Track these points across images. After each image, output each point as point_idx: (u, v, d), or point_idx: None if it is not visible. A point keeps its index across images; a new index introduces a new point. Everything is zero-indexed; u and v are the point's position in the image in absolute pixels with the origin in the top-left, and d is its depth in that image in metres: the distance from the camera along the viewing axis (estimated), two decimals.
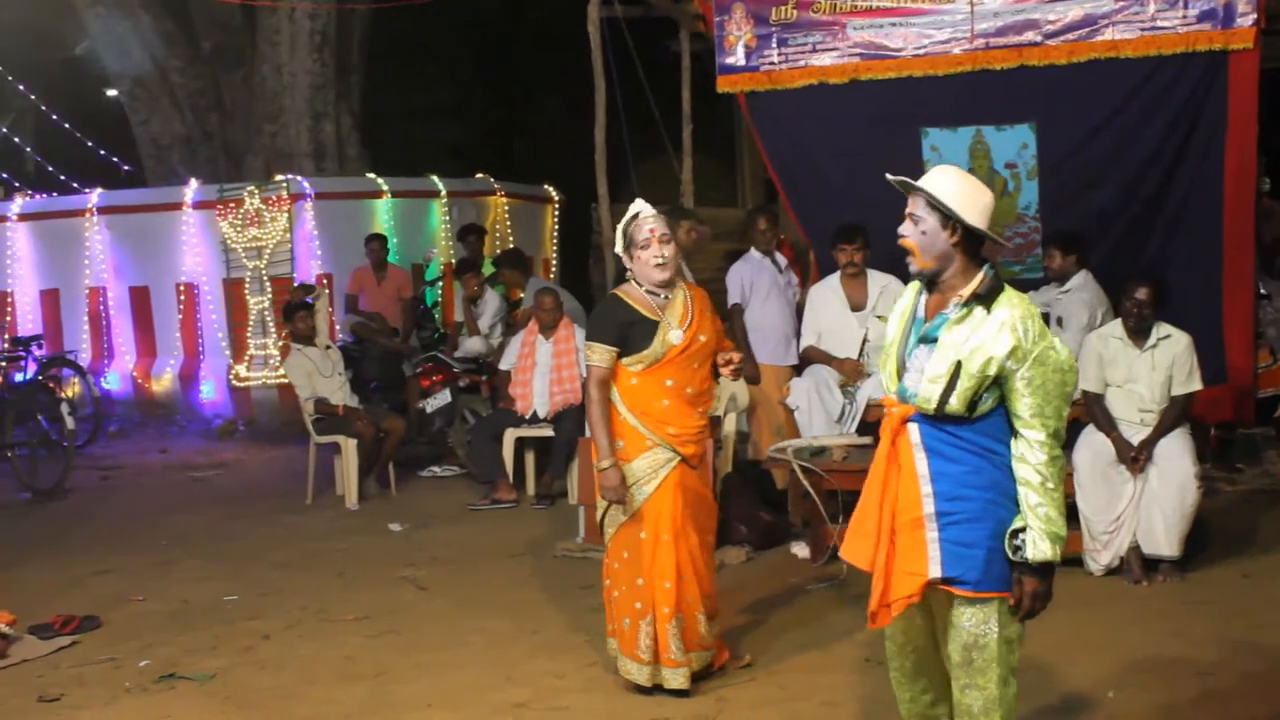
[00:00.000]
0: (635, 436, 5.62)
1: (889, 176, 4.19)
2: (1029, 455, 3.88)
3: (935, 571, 3.96)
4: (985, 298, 3.93)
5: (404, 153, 18.91)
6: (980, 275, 3.96)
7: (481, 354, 11.42)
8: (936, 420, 3.97)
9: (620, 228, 5.70)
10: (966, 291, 3.96)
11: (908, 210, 4.06)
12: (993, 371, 3.87)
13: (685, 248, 7.84)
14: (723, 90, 9.55)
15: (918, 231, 4.02)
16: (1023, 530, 3.89)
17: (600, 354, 5.64)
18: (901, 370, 4.09)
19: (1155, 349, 7.35)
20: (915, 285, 4.18)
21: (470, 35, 21.64)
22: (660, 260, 5.59)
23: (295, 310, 10.59)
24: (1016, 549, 3.90)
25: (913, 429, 4.02)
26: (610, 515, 5.73)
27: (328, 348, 10.66)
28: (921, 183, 4.02)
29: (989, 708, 4.01)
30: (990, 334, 3.88)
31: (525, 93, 22.23)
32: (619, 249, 5.72)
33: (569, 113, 14.79)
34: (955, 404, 3.91)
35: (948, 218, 3.95)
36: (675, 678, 5.66)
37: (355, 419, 10.21)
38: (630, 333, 5.61)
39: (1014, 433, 3.94)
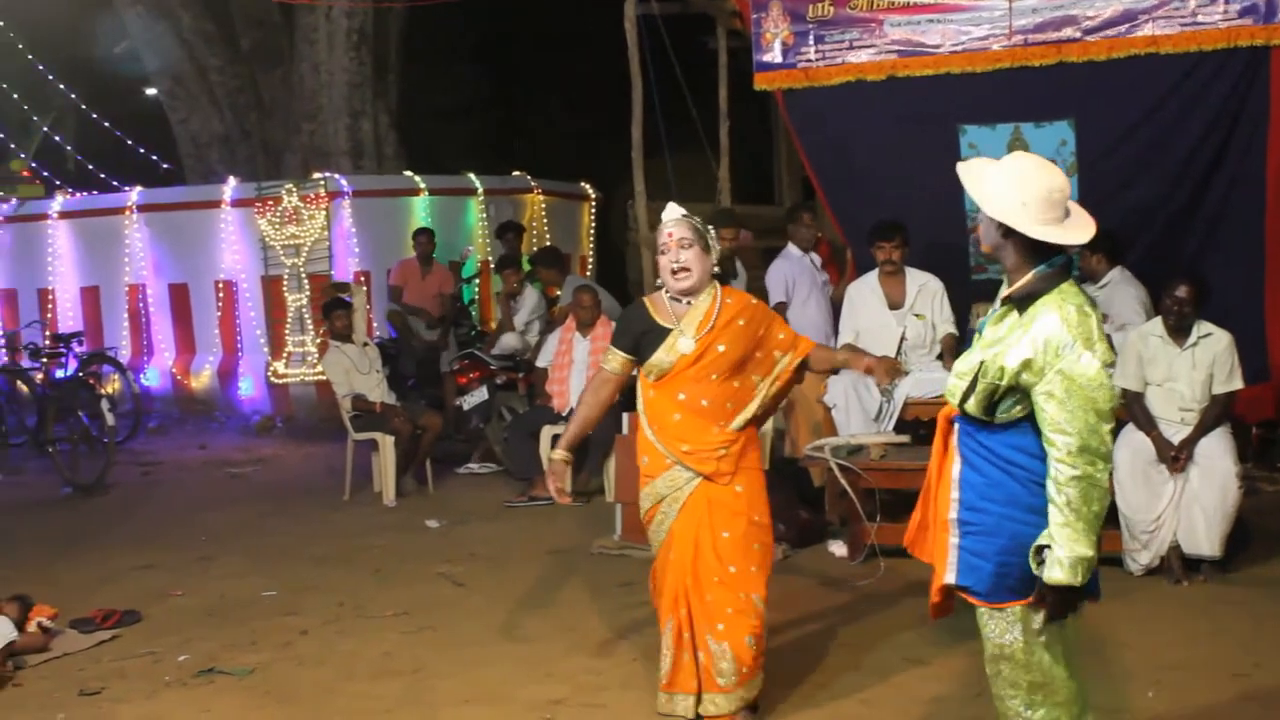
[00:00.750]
0: (655, 455, 5.31)
1: (959, 166, 3.99)
2: (1051, 470, 3.68)
3: (951, 577, 3.92)
4: (1021, 300, 3.77)
5: (440, 150, 18.98)
6: (1029, 274, 3.78)
7: (517, 350, 11.45)
8: (971, 424, 3.87)
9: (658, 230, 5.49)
10: (1007, 291, 3.83)
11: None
12: (1004, 382, 3.71)
13: (723, 253, 7.59)
14: (760, 88, 9.56)
15: (983, 216, 3.85)
16: (1047, 547, 3.72)
17: (612, 359, 5.42)
18: None
19: (1196, 347, 7.29)
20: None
21: (504, 33, 21.68)
22: (677, 266, 5.26)
23: (333, 308, 10.64)
24: (1040, 564, 3.74)
25: (957, 429, 3.96)
26: (650, 537, 5.44)
27: (365, 345, 10.71)
28: (967, 169, 3.91)
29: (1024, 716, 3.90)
30: (1013, 342, 3.72)
31: (562, 90, 22.24)
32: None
33: (605, 110, 14.77)
34: (972, 406, 3.81)
35: None
36: (678, 704, 5.33)
37: (393, 416, 10.24)
38: (643, 341, 5.32)
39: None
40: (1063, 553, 3.66)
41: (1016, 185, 3.77)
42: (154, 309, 15.10)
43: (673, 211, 5.38)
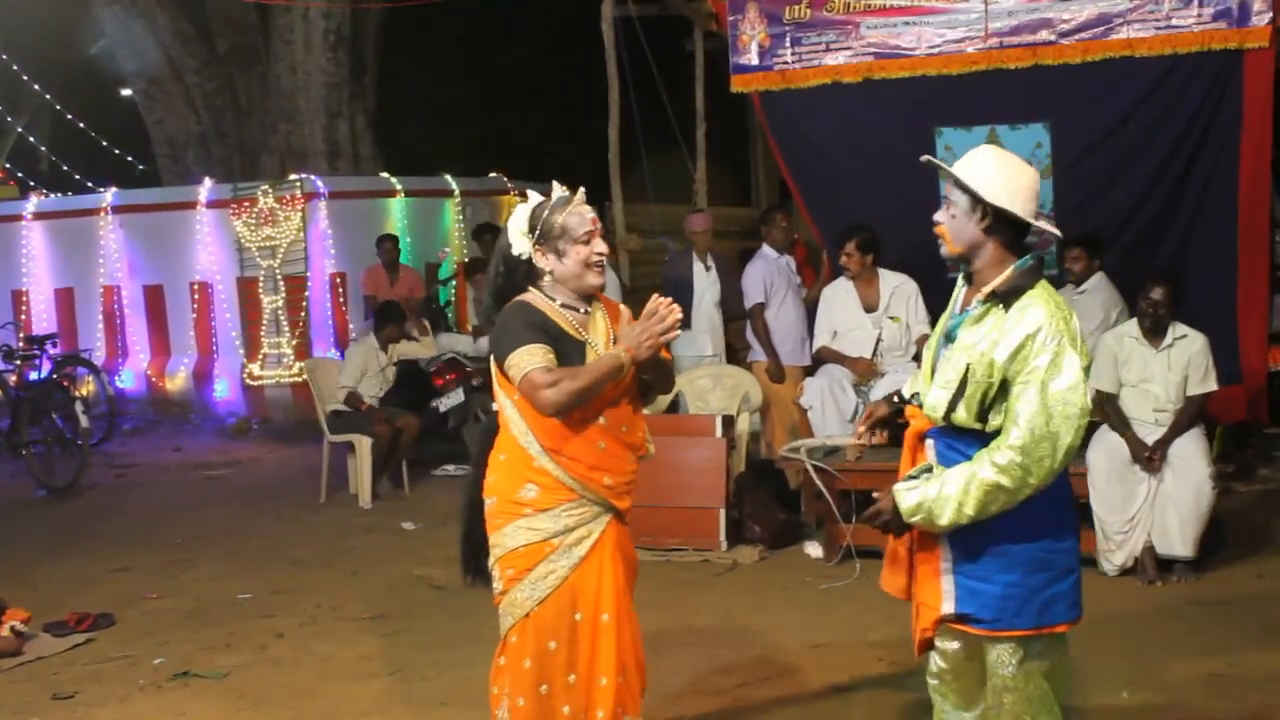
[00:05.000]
0: (553, 487, 4.14)
1: (923, 159, 3.96)
2: (991, 446, 3.60)
3: (949, 607, 3.77)
4: (1006, 296, 3.66)
5: (421, 151, 18.96)
6: (1009, 270, 3.70)
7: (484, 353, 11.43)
8: (952, 435, 3.75)
9: (533, 214, 4.22)
10: (989, 287, 3.70)
11: (943, 194, 3.84)
12: (996, 378, 3.59)
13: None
14: (736, 90, 9.57)
15: (948, 215, 3.75)
16: (926, 480, 3.69)
17: (532, 354, 4.05)
18: (934, 373, 3.85)
19: (1171, 349, 7.32)
20: (961, 279, 3.90)
21: (486, 34, 21.67)
22: (597, 257, 4.22)
23: (388, 319, 10.88)
24: (913, 478, 3.72)
25: (929, 445, 3.83)
26: (516, 594, 4.22)
27: (395, 363, 10.86)
28: (954, 165, 3.80)
29: None
30: (1000, 336, 3.62)
31: (540, 91, 22.24)
32: (524, 245, 4.22)
33: (582, 111, 14.78)
34: (963, 413, 3.67)
35: (977, 200, 3.68)
36: None
37: (376, 419, 10.23)
38: (557, 350, 4.11)
39: None
40: (931, 498, 3.65)
41: (1009, 175, 3.72)
42: (129, 310, 15.03)
43: (583, 196, 4.32)
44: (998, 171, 3.71)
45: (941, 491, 3.64)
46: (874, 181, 9.15)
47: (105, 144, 20.21)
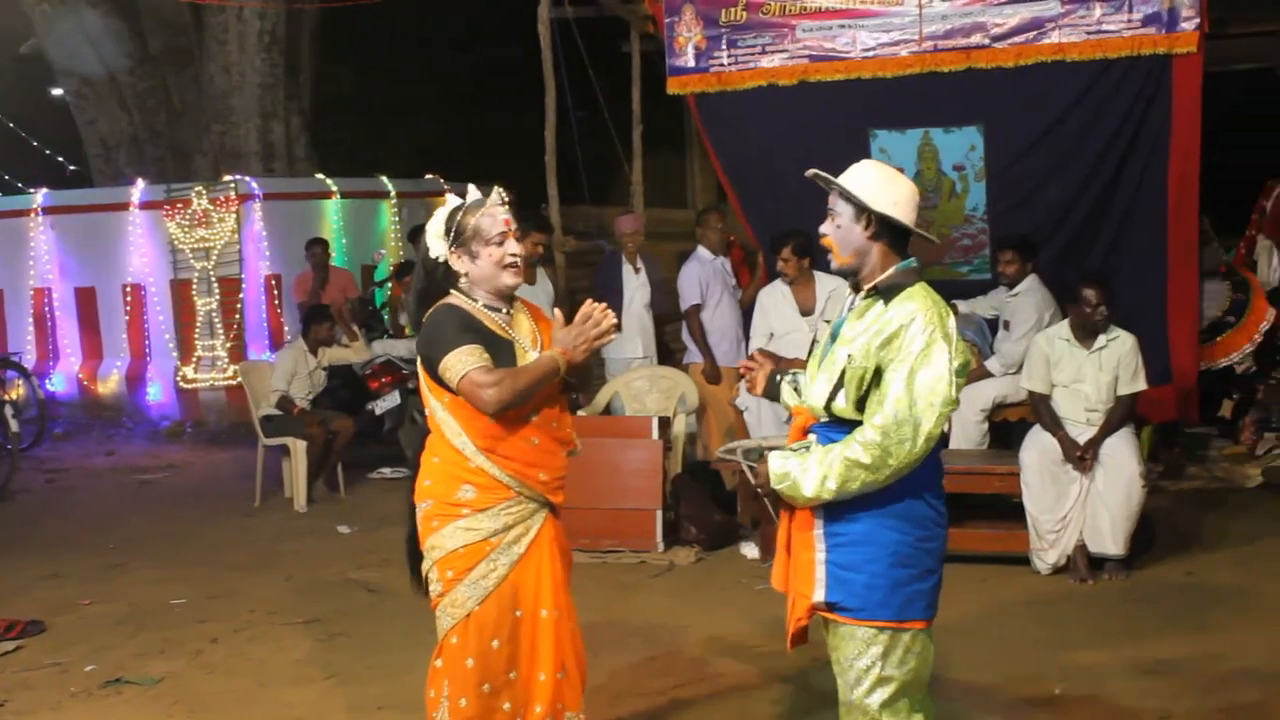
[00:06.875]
0: (491, 486, 4.17)
1: (809, 173, 4.05)
2: (859, 428, 3.71)
3: (820, 595, 3.83)
4: (887, 291, 3.78)
5: (359, 153, 18.85)
6: (891, 269, 3.81)
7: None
8: (834, 428, 3.82)
9: (449, 218, 4.32)
10: (871, 283, 3.83)
11: (828, 206, 3.95)
12: (871, 364, 3.70)
13: (529, 259, 7.26)
14: (673, 91, 9.58)
15: (833, 226, 3.89)
16: (802, 453, 3.81)
17: (470, 355, 4.08)
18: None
19: (1104, 350, 7.41)
20: (849, 287, 4.00)
21: (424, 35, 21.56)
22: (513, 257, 4.24)
23: (314, 320, 10.74)
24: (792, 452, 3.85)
25: (812, 439, 3.90)
26: (457, 595, 4.23)
27: (325, 368, 10.74)
28: (839, 177, 3.92)
29: None
30: (879, 327, 3.72)
31: (478, 93, 22.16)
32: (440, 248, 4.31)
33: (522, 114, 14.75)
34: (842, 403, 3.77)
35: (861, 210, 3.81)
36: None
37: (309, 422, 10.16)
38: (489, 351, 4.15)
39: None
40: (797, 469, 3.77)
41: (891, 186, 3.85)
42: (60, 313, 14.86)
43: (494, 194, 4.38)
44: (881, 181, 3.86)
45: (807, 463, 3.77)
46: (808, 184, 9.16)
47: (36, 144, 19.93)
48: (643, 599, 7.34)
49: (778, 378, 4.26)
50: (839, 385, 3.78)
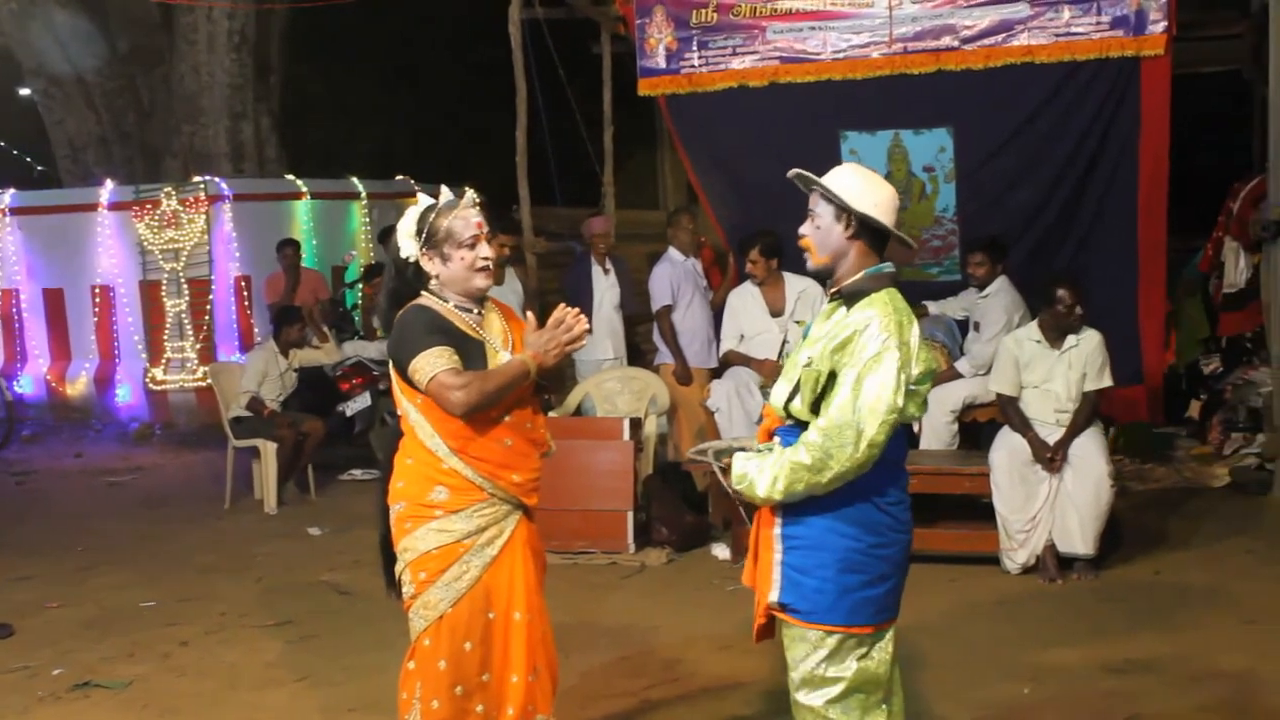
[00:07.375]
0: (464, 487, 4.16)
1: (791, 173, 4.06)
2: (804, 433, 3.75)
3: (774, 595, 3.86)
4: (851, 296, 3.81)
5: (331, 154, 18.80)
6: (860, 274, 3.82)
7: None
8: (794, 431, 3.84)
9: (421, 218, 4.29)
10: (837, 287, 3.86)
11: (809, 207, 3.96)
12: (825, 368, 3.72)
13: (498, 260, 7.24)
14: (643, 93, 9.58)
15: (813, 227, 3.90)
16: (764, 455, 3.88)
17: (439, 357, 4.07)
18: None
19: (1073, 349, 7.45)
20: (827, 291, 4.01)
21: (396, 35, 21.53)
22: (484, 260, 4.22)
23: (285, 321, 10.70)
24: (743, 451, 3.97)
25: (776, 442, 3.93)
26: (430, 596, 4.22)
27: (296, 369, 10.70)
28: (822, 178, 3.92)
29: None
30: (836, 330, 3.76)
31: (451, 94, 22.12)
32: (411, 248, 4.28)
33: (494, 114, 14.73)
34: (799, 405, 3.80)
35: (842, 210, 3.82)
36: None
37: (280, 424, 10.13)
38: (458, 350, 4.14)
39: None
40: (754, 470, 3.86)
41: (872, 188, 3.86)
42: (28, 314, 14.75)
43: (467, 196, 4.35)
44: (863, 183, 3.87)
45: (764, 464, 3.83)
46: (779, 185, 9.14)
47: (3, 144, 19.83)
48: (614, 600, 7.34)
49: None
50: (797, 387, 3.82)
